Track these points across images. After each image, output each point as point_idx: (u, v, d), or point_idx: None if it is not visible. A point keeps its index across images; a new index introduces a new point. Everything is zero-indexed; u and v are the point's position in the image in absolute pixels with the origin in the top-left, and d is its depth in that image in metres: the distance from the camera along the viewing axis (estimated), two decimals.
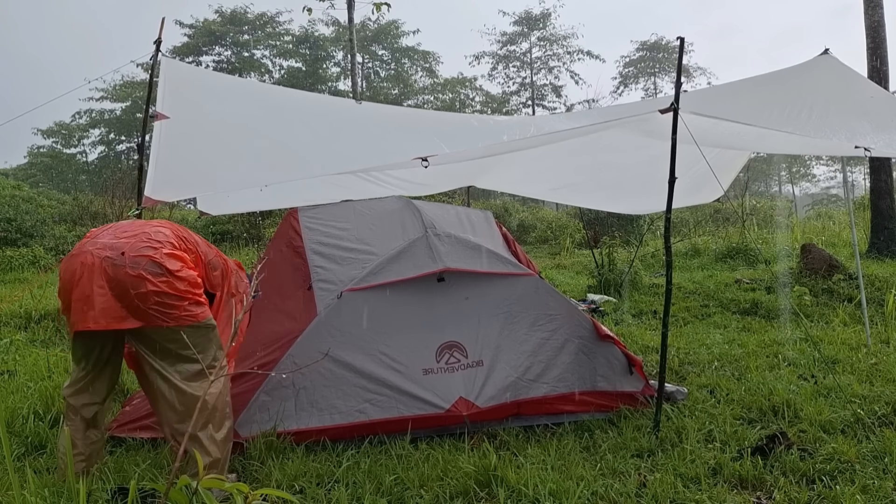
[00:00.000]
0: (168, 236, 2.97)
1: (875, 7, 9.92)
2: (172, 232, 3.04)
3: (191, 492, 1.81)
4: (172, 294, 2.80)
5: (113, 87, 34.41)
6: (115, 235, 2.92)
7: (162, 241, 2.90)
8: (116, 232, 2.95)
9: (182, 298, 2.83)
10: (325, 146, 3.94)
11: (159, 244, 2.88)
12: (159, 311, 2.79)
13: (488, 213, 4.87)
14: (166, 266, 2.81)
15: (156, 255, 2.81)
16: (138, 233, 2.92)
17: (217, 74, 13.96)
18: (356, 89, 17.35)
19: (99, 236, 2.94)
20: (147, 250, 2.82)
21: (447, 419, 3.65)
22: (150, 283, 2.76)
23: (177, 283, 2.82)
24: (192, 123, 3.71)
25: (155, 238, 2.90)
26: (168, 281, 2.80)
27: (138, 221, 3.12)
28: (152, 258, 2.80)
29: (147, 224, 3.05)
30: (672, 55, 39.47)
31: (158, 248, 2.86)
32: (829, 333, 5.99)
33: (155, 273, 2.78)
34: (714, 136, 4.39)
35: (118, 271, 2.77)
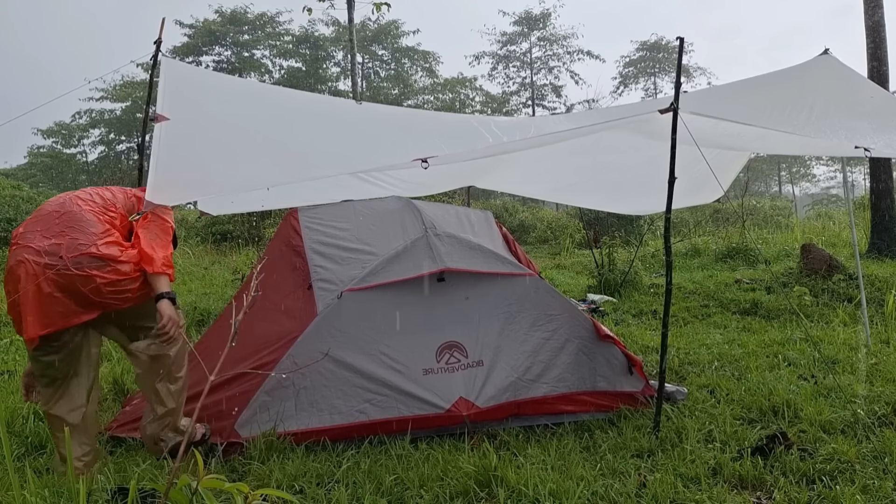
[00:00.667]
0: (94, 220, 2.99)
1: (875, 7, 9.92)
2: (95, 208, 3.08)
3: (191, 492, 1.81)
4: (122, 280, 2.93)
5: (113, 87, 34.44)
6: (45, 235, 2.92)
7: (94, 231, 2.94)
8: (45, 232, 2.94)
9: (133, 280, 2.96)
10: (326, 147, 3.94)
11: (93, 235, 2.93)
12: (114, 297, 2.93)
13: (488, 213, 4.87)
14: (107, 256, 2.90)
15: (93, 249, 2.88)
16: (67, 228, 2.93)
17: (217, 75, 13.95)
18: (356, 89, 17.35)
19: (30, 240, 2.92)
20: (83, 247, 2.88)
21: (447, 419, 3.65)
22: (98, 276, 2.87)
23: (122, 268, 2.93)
24: (192, 125, 3.70)
25: (87, 230, 2.93)
26: (113, 268, 2.91)
27: (59, 208, 3.04)
28: (91, 254, 2.87)
29: (69, 210, 3.01)
30: (672, 55, 39.47)
31: (93, 239, 2.91)
32: (829, 333, 5.99)
33: (99, 266, 2.88)
34: (714, 136, 4.39)
35: (62, 275, 2.84)
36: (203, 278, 10.14)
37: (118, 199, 3.25)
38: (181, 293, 8.64)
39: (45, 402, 3.10)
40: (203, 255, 13.16)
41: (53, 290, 2.85)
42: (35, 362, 3.06)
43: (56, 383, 3.08)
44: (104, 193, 3.25)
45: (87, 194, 3.20)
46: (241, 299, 3.37)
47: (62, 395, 3.08)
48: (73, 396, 3.09)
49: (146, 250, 3.01)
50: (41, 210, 3.09)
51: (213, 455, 3.38)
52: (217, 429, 3.48)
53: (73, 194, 3.18)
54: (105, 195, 3.23)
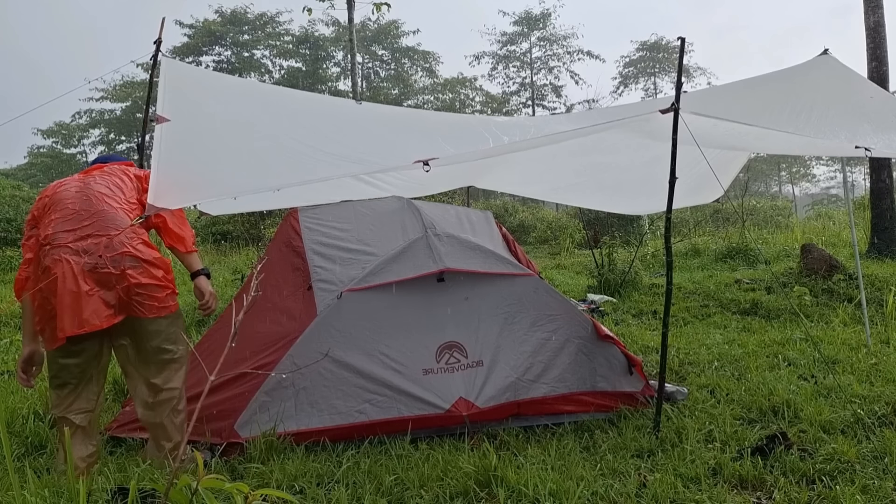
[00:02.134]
0: (125, 218, 3.05)
1: (875, 8, 9.92)
2: (122, 204, 3.12)
3: (191, 492, 1.81)
4: (152, 284, 3.02)
5: (113, 88, 34.42)
6: (80, 235, 2.96)
7: (131, 229, 3.01)
8: (79, 232, 2.98)
9: (161, 288, 3.06)
10: (327, 149, 3.94)
11: (131, 235, 3.01)
12: (140, 301, 2.99)
13: (488, 213, 4.87)
14: (142, 257, 3.00)
15: (130, 249, 2.98)
16: (101, 227, 2.98)
17: (218, 75, 13.94)
18: (356, 89, 17.35)
19: (64, 240, 2.96)
20: (122, 246, 2.96)
21: (447, 419, 3.65)
22: (131, 276, 2.96)
23: (153, 272, 3.03)
24: (193, 126, 3.69)
25: (120, 228, 3.00)
26: (146, 270, 3.01)
27: (87, 206, 3.06)
28: (128, 253, 2.97)
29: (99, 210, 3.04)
30: (672, 55, 39.48)
31: (131, 238, 3.00)
32: (829, 333, 5.99)
33: (134, 266, 2.97)
34: (714, 136, 4.39)
35: (101, 273, 2.92)
36: None
37: (128, 186, 3.28)
38: (181, 293, 8.62)
39: (57, 404, 3.11)
40: (203, 255, 13.16)
41: (92, 288, 2.90)
42: (52, 364, 3.08)
43: (69, 387, 3.10)
44: (120, 183, 3.25)
45: (107, 188, 3.18)
46: (241, 299, 3.37)
47: (75, 398, 3.10)
48: (83, 400, 3.12)
49: (175, 230, 3.11)
50: (64, 209, 3.07)
51: (213, 455, 3.38)
52: (217, 429, 3.48)
53: (92, 189, 3.14)
54: (122, 185, 3.25)
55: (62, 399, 3.09)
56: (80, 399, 3.11)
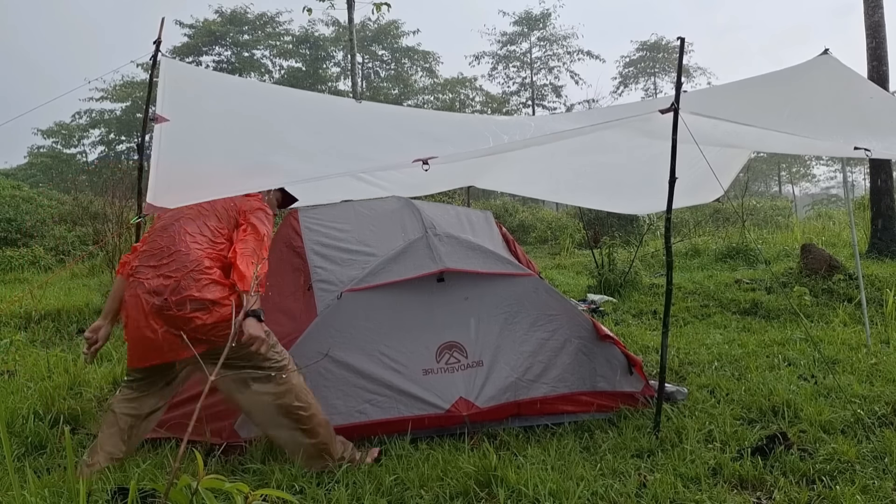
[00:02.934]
0: (201, 259, 3.07)
1: (875, 7, 9.92)
2: (202, 244, 3.15)
3: (191, 492, 1.81)
4: (221, 322, 3.00)
5: (113, 88, 34.43)
6: (156, 273, 3.06)
7: (201, 269, 3.04)
8: (156, 269, 3.07)
9: (230, 320, 2.99)
10: (327, 148, 3.93)
11: (200, 275, 3.02)
12: (214, 335, 3.01)
13: (488, 213, 4.87)
14: (208, 299, 2.99)
15: (196, 292, 2.98)
16: (174, 269, 3.04)
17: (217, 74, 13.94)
18: (356, 89, 17.35)
19: (143, 276, 3.07)
20: (187, 289, 2.98)
21: (447, 419, 3.65)
22: (198, 318, 2.98)
23: (222, 311, 3.01)
24: (192, 126, 3.69)
25: (194, 269, 3.03)
26: (213, 311, 3.00)
27: (170, 244, 3.15)
28: (193, 297, 2.97)
29: (178, 250, 3.11)
30: (672, 55, 39.48)
31: (199, 279, 3.01)
32: (829, 333, 5.99)
33: (199, 308, 2.98)
34: (714, 136, 4.39)
35: (167, 314, 2.98)
36: None
37: (223, 220, 3.31)
38: None
39: (117, 398, 3.24)
40: None
41: (160, 328, 2.99)
42: (128, 373, 3.25)
43: (133, 392, 3.21)
44: (211, 222, 3.28)
45: (196, 227, 3.24)
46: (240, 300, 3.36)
47: (133, 401, 3.21)
48: (140, 407, 3.22)
49: (241, 267, 3.05)
50: (153, 242, 3.19)
51: (213, 455, 3.37)
52: (217, 429, 3.48)
53: (181, 226, 3.22)
54: (211, 224, 3.27)
55: (124, 398, 3.21)
56: (138, 403, 3.20)
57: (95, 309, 7.32)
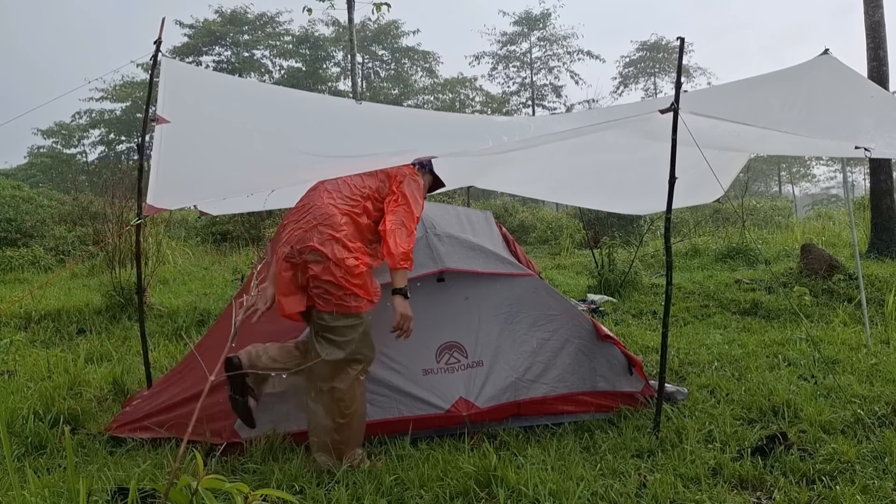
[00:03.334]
0: (334, 213, 3.21)
1: (875, 7, 9.91)
2: (336, 200, 3.29)
3: (191, 492, 1.81)
4: (330, 281, 3.11)
5: (113, 88, 34.46)
6: (294, 226, 3.25)
7: (329, 223, 3.18)
8: (294, 224, 3.26)
9: (339, 287, 3.11)
10: (327, 148, 3.93)
11: (326, 228, 3.16)
12: (318, 294, 3.15)
13: (488, 213, 4.86)
14: (325, 253, 3.11)
15: (317, 244, 3.12)
16: (308, 220, 3.22)
17: (218, 75, 13.96)
18: (356, 89, 17.35)
19: (283, 231, 3.30)
20: (310, 240, 3.14)
21: (447, 419, 3.65)
22: (311, 269, 3.12)
23: (335, 270, 3.11)
24: (193, 127, 3.69)
25: (321, 223, 3.18)
26: (326, 268, 3.10)
27: (308, 201, 3.34)
28: (313, 248, 3.12)
29: (314, 204, 3.29)
30: (672, 55, 39.48)
31: (323, 233, 3.15)
32: (829, 333, 5.99)
33: (315, 261, 3.12)
34: (714, 136, 4.38)
35: (291, 261, 3.17)
36: (203, 278, 10.14)
37: (367, 184, 3.42)
38: (181, 293, 8.66)
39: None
40: (203, 255, 13.17)
41: (288, 275, 3.18)
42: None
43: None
44: (354, 181, 3.41)
45: (335, 184, 3.39)
46: (241, 299, 3.37)
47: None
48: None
49: (390, 243, 3.18)
50: (301, 199, 3.41)
51: (213, 455, 3.38)
52: (217, 429, 3.48)
53: (323, 186, 3.39)
54: (354, 182, 3.41)
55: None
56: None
57: (96, 309, 7.32)
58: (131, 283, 7.27)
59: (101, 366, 5.30)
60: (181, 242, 13.67)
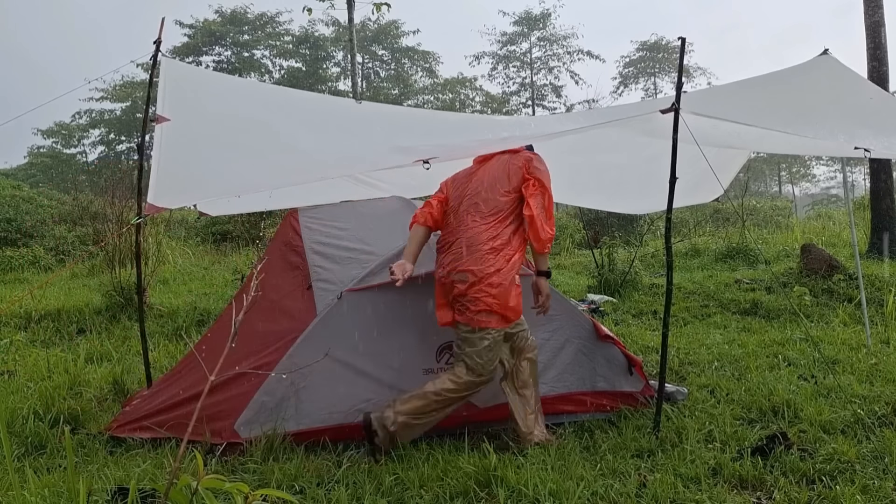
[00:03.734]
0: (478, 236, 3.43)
1: (875, 7, 9.91)
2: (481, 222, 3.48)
3: (191, 492, 1.81)
4: (470, 297, 3.38)
5: (113, 88, 34.43)
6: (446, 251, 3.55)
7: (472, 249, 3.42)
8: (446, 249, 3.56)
9: (476, 302, 3.37)
10: (327, 148, 3.94)
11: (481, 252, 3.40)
12: (458, 308, 3.45)
13: None
14: (474, 274, 3.38)
15: (465, 266, 3.40)
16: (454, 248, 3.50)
17: (218, 74, 13.96)
18: (356, 89, 17.35)
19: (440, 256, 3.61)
20: (459, 262, 3.43)
21: (447, 419, 3.65)
22: (456, 288, 3.42)
23: (479, 286, 3.37)
24: (193, 126, 3.69)
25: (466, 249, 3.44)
26: (472, 286, 3.38)
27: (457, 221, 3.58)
28: (461, 269, 3.41)
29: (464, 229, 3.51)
30: (672, 55, 39.46)
31: (480, 256, 3.40)
32: (829, 333, 5.99)
33: (461, 281, 3.41)
34: (714, 136, 4.39)
35: (443, 283, 3.53)
36: (203, 278, 10.14)
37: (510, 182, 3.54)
38: (181, 293, 8.66)
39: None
40: (203, 255, 13.17)
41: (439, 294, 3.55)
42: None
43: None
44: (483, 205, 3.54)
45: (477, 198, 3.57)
46: (241, 299, 3.37)
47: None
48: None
49: (536, 227, 3.39)
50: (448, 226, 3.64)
51: (213, 455, 3.38)
52: (217, 429, 3.48)
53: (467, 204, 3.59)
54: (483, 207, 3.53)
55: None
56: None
57: (96, 309, 7.32)
58: (131, 283, 7.27)
59: (101, 366, 5.30)
60: (181, 242, 13.67)
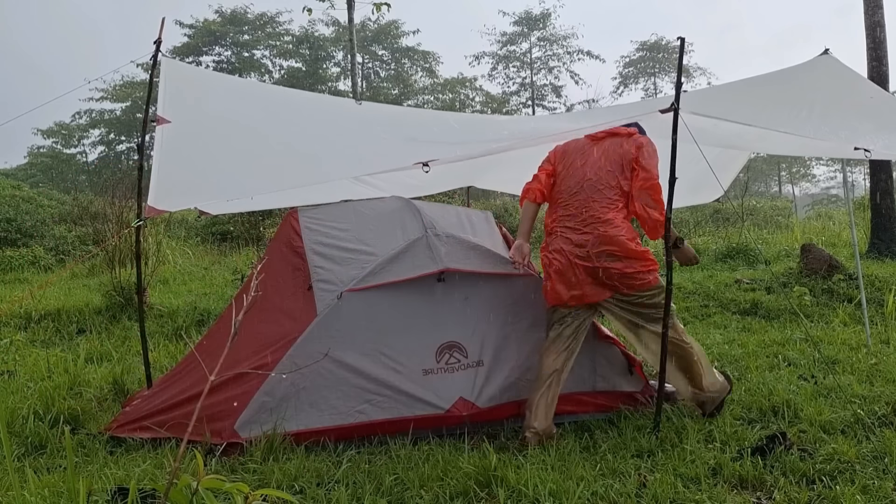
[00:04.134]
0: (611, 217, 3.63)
1: (875, 7, 9.91)
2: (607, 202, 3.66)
3: (191, 492, 1.81)
4: (629, 272, 3.60)
5: (113, 88, 34.40)
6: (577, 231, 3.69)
7: (613, 227, 3.61)
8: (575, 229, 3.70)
9: (636, 274, 3.62)
10: (327, 150, 3.93)
11: (615, 233, 3.60)
12: (620, 283, 3.63)
13: (488, 213, 4.86)
14: (619, 253, 3.59)
15: (610, 246, 3.59)
16: (592, 224, 3.65)
17: (218, 75, 13.96)
18: (356, 89, 17.35)
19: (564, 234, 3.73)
20: (604, 244, 3.60)
21: (447, 420, 3.65)
22: (611, 268, 3.60)
23: (630, 262, 3.60)
24: (193, 128, 3.69)
25: (607, 227, 3.61)
26: (623, 262, 3.60)
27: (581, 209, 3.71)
28: (607, 251, 3.60)
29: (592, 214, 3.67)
30: (672, 55, 39.45)
31: (614, 237, 3.59)
32: (829, 333, 5.99)
33: (612, 260, 3.60)
34: (714, 136, 4.39)
35: (587, 265, 3.63)
36: (203, 278, 10.14)
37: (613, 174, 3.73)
38: (181, 293, 8.65)
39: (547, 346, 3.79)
40: (203, 255, 13.16)
41: (580, 275, 3.65)
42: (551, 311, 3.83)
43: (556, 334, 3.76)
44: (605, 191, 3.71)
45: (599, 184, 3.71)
46: (241, 300, 3.37)
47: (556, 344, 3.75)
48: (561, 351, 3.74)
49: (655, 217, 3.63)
50: (566, 206, 3.78)
51: (213, 455, 3.38)
52: (217, 429, 3.48)
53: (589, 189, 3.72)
54: (608, 193, 3.70)
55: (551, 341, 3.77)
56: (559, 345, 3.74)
57: (96, 309, 7.32)
58: (131, 283, 7.27)
59: (101, 366, 5.30)
60: (181, 242, 13.67)
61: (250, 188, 3.52)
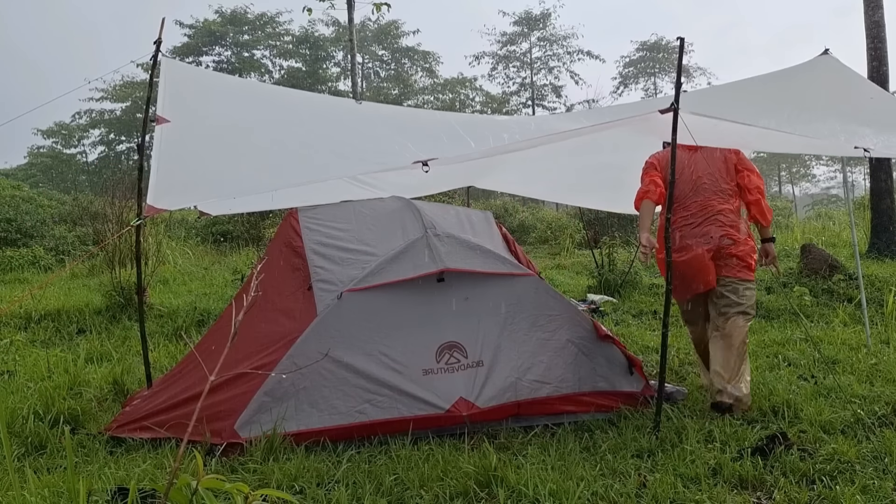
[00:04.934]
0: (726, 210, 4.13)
1: (875, 7, 9.91)
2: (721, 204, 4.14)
3: (191, 492, 1.81)
4: (735, 256, 4.07)
5: (113, 88, 34.41)
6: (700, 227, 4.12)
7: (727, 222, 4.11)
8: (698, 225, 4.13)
9: (739, 260, 4.09)
10: (327, 149, 3.93)
11: (730, 224, 4.11)
12: (724, 264, 4.08)
13: (488, 213, 4.86)
14: (736, 237, 4.09)
15: (729, 231, 4.09)
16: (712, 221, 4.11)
17: (218, 75, 13.96)
18: (356, 89, 17.35)
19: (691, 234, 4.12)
20: (723, 230, 4.08)
21: (447, 420, 3.65)
22: (727, 250, 4.06)
23: (739, 247, 4.09)
24: (193, 127, 3.69)
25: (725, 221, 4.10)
26: (736, 245, 4.08)
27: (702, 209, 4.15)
28: (727, 235, 4.08)
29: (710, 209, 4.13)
30: (672, 55, 39.44)
31: (727, 227, 4.09)
32: (829, 333, 5.99)
33: (728, 244, 4.07)
34: (714, 135, 4.38)
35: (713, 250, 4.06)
36: (203, 278, 10.14)
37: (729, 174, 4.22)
38: (181, 293, 8.65)
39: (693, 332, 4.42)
40: (203, 255, 13.16)
41: (710, 261, 4.06)
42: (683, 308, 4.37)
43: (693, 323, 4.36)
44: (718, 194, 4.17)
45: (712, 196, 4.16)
46: (241, 300, 3.37)
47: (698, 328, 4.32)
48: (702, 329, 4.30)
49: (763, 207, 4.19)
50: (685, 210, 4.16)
51: (213, 455, 3.38)
52: (217, 429, 3.48)
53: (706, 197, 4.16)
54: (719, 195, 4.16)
55: (694, 331, 4.38)
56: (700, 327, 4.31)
57: (96, 309, 7.32)
58: (131, 283, 7.27)
59: (101, 366, 5.30)
60: (181, 242, 13.66)
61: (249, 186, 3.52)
